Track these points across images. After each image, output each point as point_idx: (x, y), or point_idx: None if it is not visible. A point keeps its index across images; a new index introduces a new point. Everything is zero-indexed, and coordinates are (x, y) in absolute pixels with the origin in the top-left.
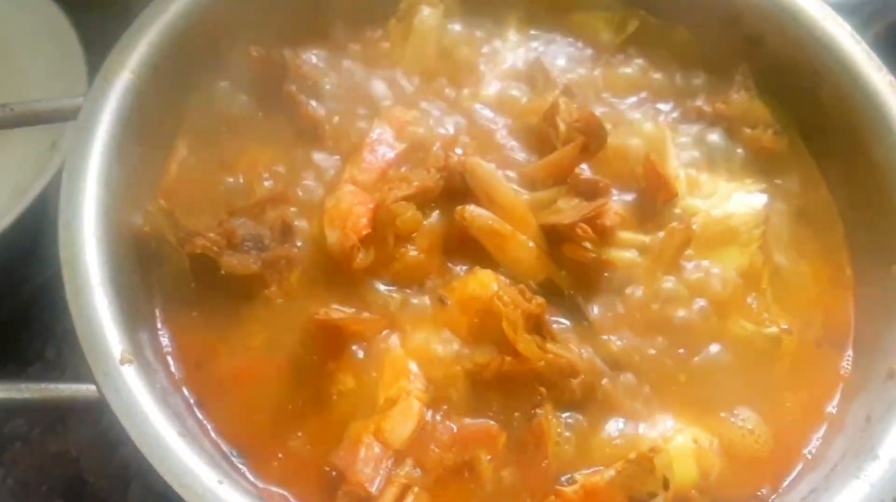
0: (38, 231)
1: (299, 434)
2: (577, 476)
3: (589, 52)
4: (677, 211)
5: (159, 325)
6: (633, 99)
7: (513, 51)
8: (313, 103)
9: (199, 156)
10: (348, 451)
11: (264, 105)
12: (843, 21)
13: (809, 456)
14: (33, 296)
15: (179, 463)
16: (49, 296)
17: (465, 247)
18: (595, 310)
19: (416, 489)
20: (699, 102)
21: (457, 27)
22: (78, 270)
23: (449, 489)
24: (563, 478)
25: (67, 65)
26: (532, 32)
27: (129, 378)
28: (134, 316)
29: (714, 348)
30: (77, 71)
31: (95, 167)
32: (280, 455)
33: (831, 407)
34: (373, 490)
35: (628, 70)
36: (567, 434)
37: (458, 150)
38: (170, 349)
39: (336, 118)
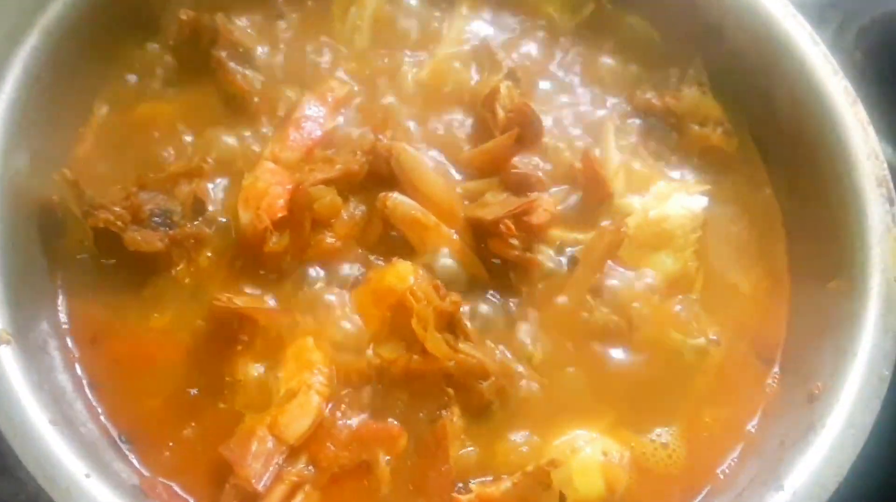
0: None
1: (193, 424)
2: (473, 484)
3: (540, 34)
4: (615, 207)
5: (59, 300)
6: (581, 87)
7: (461, 27)
8: (243, 72)
9: (115, 123)
10: (240, 444)
11: (190, 72)
12: (804, 21)
13: (722, 477)
14: None
15: (47, 453)
16: None
17: (385, 236)
18: (515, 309)
19: (307, 487)
20: (648, 95)
21: None
22: None
23: (343, 489)
24: (458, 486)
25: None
26: (483, 9)
27: (4, 359)
28: (26, 290)
29: (637, 356)
30: None
31: None
32: (171, 443)
33: (751, 426)
34: (259, 487)
35: (578, 56)
36: (472, 438)
37: (389, 133)
38: (67, 325)
39: (266, 89)
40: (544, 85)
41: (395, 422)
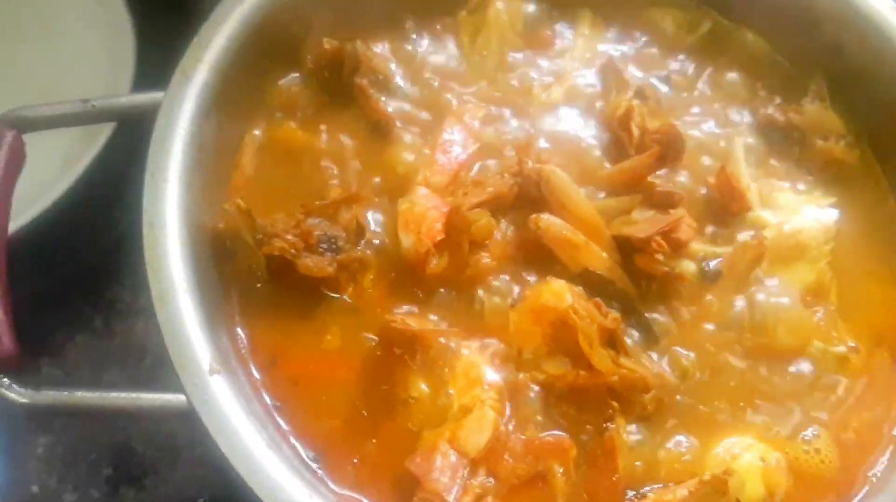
0: (88, 205)
1: (373, 440)
2: (648, 491)
3: (661, 51)
4: (749, 220)
5: (237, 327)
6: (703, 103)
7: (586, 48)
8: (384, 98)
9: (271, 151)
10: (424, 459)
11: (337, 99)
12: None
13: (874, 480)
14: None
15: (271, 479)
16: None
17: (537, 255)
18: (667, 323)
19: (489, 499)
20: (771, 110)
21: (531, 21)
22: (163, 275)
23: (523, 499)
24: (630, 494)
25: (115, 58)
26: (605, 28)
27: (219, 389)
28: (216, 319)
29: (782, 365)
30: (125, 66)
31: (177, 165)
32: (355, 460)
33: None
34: (450, 499)
35: (698, 73)
36: (637, 449)
37: (533, 155)
38: (246, 350)
39: (407, 115)
40: (668, 102)
41: (565, 435)
